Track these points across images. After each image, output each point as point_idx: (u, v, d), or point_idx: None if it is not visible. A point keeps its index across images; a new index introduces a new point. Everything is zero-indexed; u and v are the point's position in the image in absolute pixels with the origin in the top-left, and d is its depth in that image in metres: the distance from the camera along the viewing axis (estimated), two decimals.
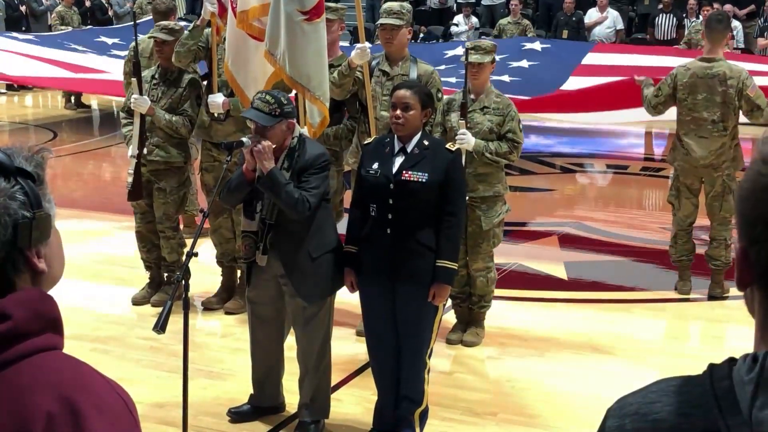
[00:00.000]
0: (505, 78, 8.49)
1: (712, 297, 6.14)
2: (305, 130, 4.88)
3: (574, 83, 8.52)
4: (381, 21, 5.30)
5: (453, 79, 7.99)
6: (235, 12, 5.18)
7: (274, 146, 3.98)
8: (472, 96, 5.12)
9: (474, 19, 15.11)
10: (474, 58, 5.05)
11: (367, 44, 5.19)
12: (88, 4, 16.00)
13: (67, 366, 1.30)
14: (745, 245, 1.11)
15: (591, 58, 9.31)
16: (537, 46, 9.92)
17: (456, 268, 4.07)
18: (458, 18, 15.14)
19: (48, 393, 1.25)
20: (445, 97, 5.32)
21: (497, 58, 5.33)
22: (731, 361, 1.11)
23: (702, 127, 5.91)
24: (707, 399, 1.08)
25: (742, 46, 12.82)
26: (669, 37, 13.59)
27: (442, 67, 8.91)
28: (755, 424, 1.04)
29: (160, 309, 3.86)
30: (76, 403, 1.24)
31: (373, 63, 5.32)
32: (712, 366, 1.12)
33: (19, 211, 1.30)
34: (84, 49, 10.93)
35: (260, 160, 3.95)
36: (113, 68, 9.65)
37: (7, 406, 1.24)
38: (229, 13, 5.25)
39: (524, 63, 9.34)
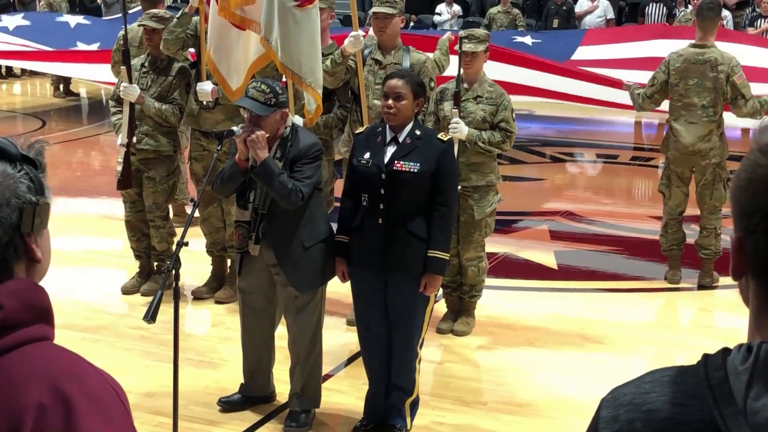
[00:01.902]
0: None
1: (701, 286, 6.16)
2: (296, 119, 4.87)
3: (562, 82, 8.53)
4: (374, 9, 5.29)
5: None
6: (217, 0, 5.15)
7: (267, 135, 3.97)
8: (465, 85, 5.11)
9: (456, 7, 15.05)
10: (468, 47, 5.03)
11: (361, 32, 5.17)
12: None
13: (58, 356, 1.30)
14: (740, 235, 1.11)
15: (581, 53, 9.29)
16: (528, 40, 9.90)
17: (447, 258, 4.07)
18: (440, 7, 15.09)
19: (39, 384, 1.24)
20: (444, 70, 5.30)
21: None
22: (725, 351, 1.11)
23: (692, 113, 5.94)
24: (702, 389, 1.08)
25: (732, 31, 12.83)
26: None
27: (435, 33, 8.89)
28: (750, 413, 1.04)
29: (150, 298, 3.85)
30: (68, 394, 1.24)
31: (366, 52, 5.30)
32: (706, 356, 1.12)
33: (26, 195, 1.31)
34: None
35: (254, 149, 3.93)
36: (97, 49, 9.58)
37: None
38: (211, 1, 5.23)
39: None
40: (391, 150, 4.01)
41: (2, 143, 1.31)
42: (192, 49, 5.85)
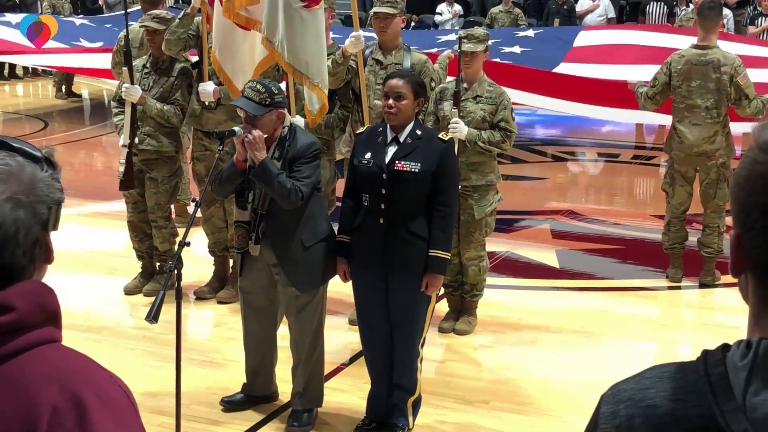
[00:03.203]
0: (497, 60, 8.46)
1: (703, 284, 6.16)
2: (296, 119, 4.88)
3: (566, 69, 8.50)
4: (375, 9, 5.29)
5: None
6: (221, 0, 5.16)
7: (264, 136, 3.98)
8: (464, 85, 5.12)
9: (457, 7, 15.05)
10: (467, 47, 5.04)
11: (362, 32, 5.18)
12: None
13: (69, 358, 1.31)
14: (739, 232, 1.12)
15: (583, 38, 9.22)
16: (530, 33, 9.89)
17: (449, 257, 4.07)
18: (441, 6, 15.09)
19: (52, 385, 1.25)
20: (437, 86, 5.32)
21: (490, 42, 5.32)
22: (725, 347, 1.12)
23: (696, 114, 5.93)
24: (701, 385, 1.08)
25: (732, 34, 12.83)
26: None
27: (435, 50, 8.89)
28: (749, 409, 1.04)
29: (152, 299, 3.85)
30: (80, 396, 1.24)
31: (366, 52, 5.31)
32: (706, 352, 1.12)
33: (57, 193, 1.33)
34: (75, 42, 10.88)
35: (252, 150, 3.94)
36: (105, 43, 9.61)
37: (12, 399, 1.24)
38: (215, 2, 5.24)
39: (516, 49, 9.31)
40: (392, 150, 4.01)
41: (27, 146, 1.34)
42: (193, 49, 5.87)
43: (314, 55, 4.95)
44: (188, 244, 3.76)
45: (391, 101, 4.01)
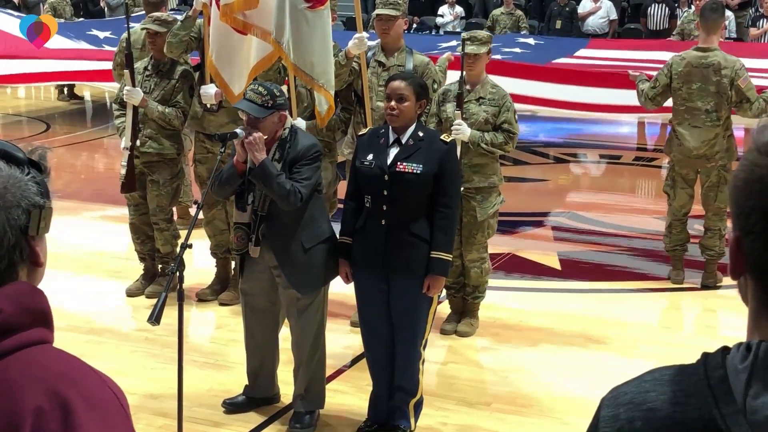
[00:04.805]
0: (497, 57, 8.49)
1: (704, 286, 6.16)
2: (297, 122, 4.89)
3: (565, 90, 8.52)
4: (377, 11, 5.29)
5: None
6: (218, 5, 5.16)
7: (265, 137, 3.99)
8: (467, 87, 5.12)
9: (459, 9, 15.06)
10: (470, 49, 5.04)
11: (365, 34, 5.18)
12: None
13: (56, 360, 1.29)
14: (739, 235, 1.12)
15: (583, 53, 9.32)
16: (530, 41, 9.95)
17: (450, 259, 4.08)
18: (443, 9, 15.10)
19: (37, 387, 1.23)
20: (440, 87, 5.32)
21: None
22: (725, 349, 1.12)
23: (696, 117, 5.92)
24: (701, 388, 1.08)
25: (734, 35, 12.82)
26: (662, 27, 13.58)
27: (435, 52, 8.90)
28: (749, 412, 1.04)
29: (154, 301, 3.86)
30: (66, 398, 1.23)
31: (369, 53, 5.32)
32: (705, 355, 1.12)
33: (34, 198, 1.31)
34: (77, 39, 10.89)
35: (252, 151, 3.95)
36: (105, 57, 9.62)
37: None
38: (212, 7, 5.24)
39: (517, 50, 9.37)
40: (393, 151, 4.02)
41: (9, 147, 1.32)
42: (193, 54, 5.87)
43: (320, 56, 4.95)
44: (190, 246, 3.76)
45: (393, 103, 4.02)
